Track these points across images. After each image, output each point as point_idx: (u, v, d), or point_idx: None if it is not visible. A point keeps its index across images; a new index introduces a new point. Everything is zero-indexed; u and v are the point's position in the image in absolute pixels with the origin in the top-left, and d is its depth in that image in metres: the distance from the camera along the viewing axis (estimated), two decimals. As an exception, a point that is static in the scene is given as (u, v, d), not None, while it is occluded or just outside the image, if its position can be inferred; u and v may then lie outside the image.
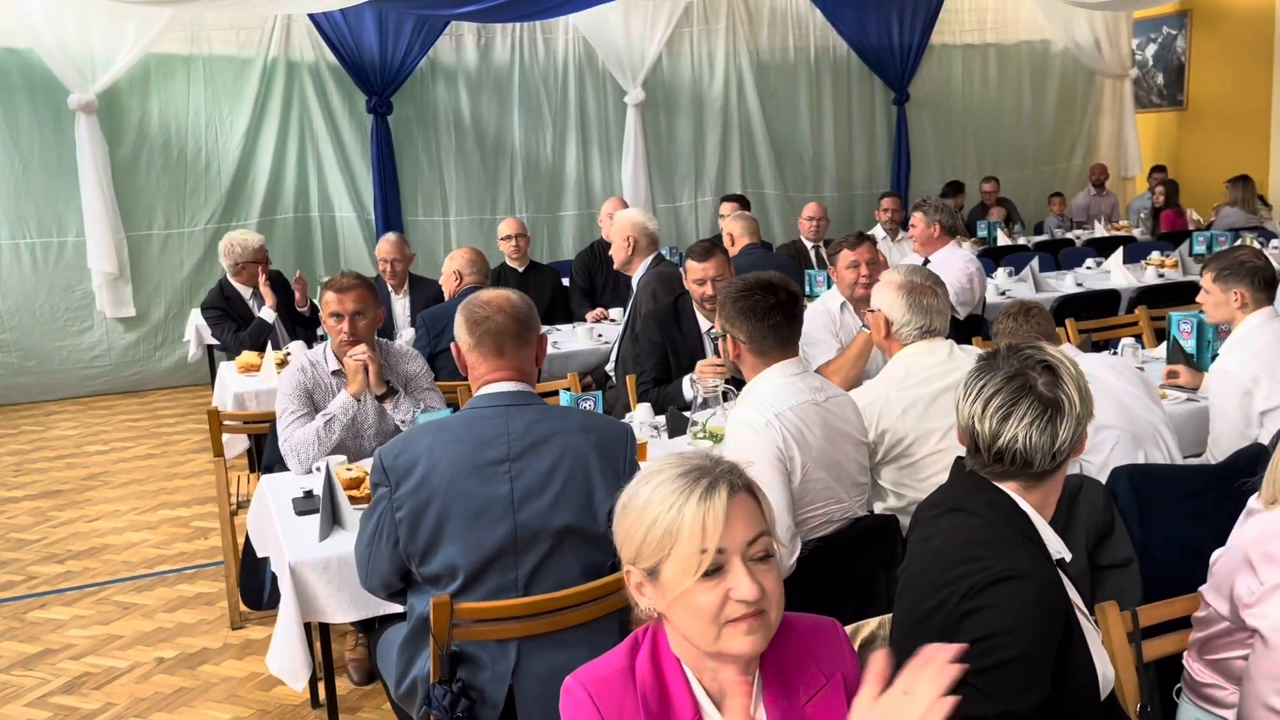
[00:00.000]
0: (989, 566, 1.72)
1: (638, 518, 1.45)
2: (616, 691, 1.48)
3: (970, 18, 11.00)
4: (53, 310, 7.75)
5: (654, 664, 1.50)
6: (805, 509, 2.60)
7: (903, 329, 3.02)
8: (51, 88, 7.45)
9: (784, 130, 10.24)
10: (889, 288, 3.08)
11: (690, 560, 1.40)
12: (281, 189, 8.39)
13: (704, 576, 1.39)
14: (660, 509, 1.42)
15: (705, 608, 1.40)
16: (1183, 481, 2.90)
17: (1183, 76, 11.71)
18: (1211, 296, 3.71)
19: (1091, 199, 10.78)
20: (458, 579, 2.34)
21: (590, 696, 1.47)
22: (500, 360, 2.44)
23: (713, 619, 1.40)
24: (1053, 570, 1.77)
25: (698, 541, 1.39)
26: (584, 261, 6.67)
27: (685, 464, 1.47)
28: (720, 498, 1.41)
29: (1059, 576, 1.78)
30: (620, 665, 1.50)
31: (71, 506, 5.60)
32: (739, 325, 2.74)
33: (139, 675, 3.76)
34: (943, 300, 3.06)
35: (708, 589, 1.40)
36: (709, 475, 1.43)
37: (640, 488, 1.47)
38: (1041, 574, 1.73)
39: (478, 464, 2.33)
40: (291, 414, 3.49)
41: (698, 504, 1.40)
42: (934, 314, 3.00)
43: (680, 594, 1.41)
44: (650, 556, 1.43)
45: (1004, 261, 7.38)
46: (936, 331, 3.02)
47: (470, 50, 8.94)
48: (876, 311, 3.10)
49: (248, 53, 8.15)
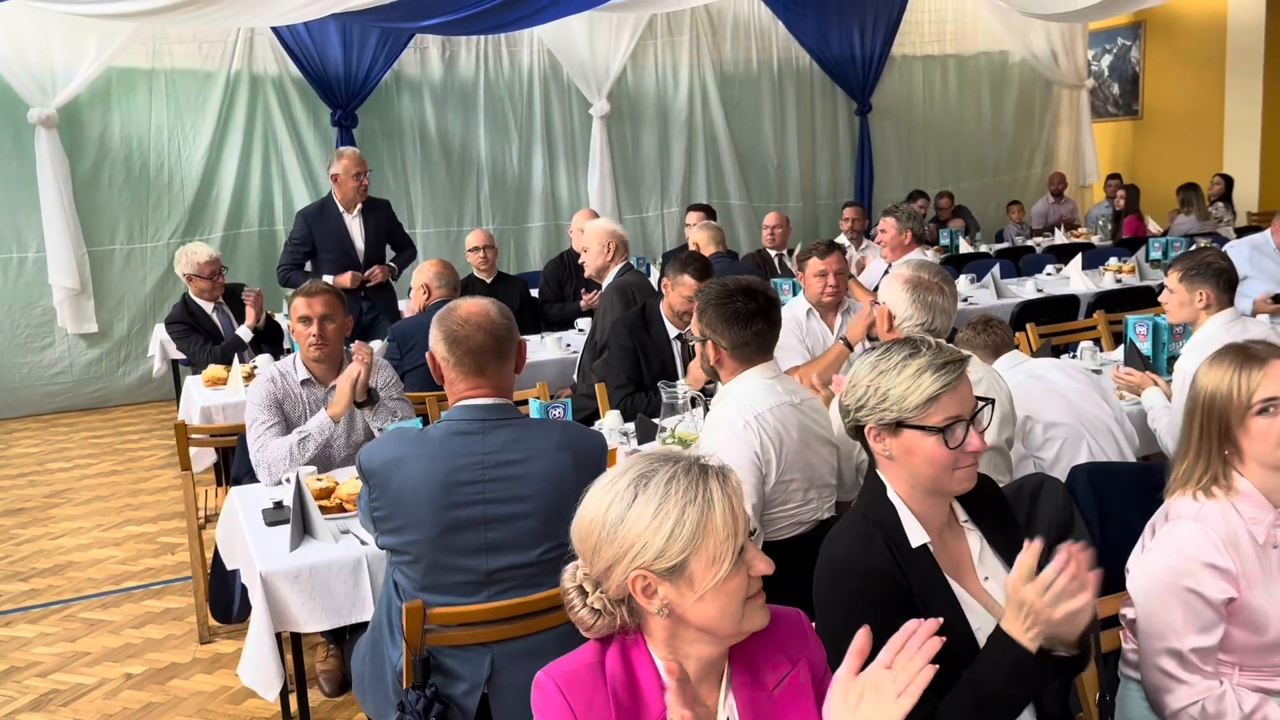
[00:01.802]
0: (824, 556, 1.89)
1: (654, 519, 1.44)
2: (587, 685, 1.50)
3: (930, 29, 11.16)
4: (13, 327, 7.65)
5: (623, 658, 1.52)
6: (777, 510, 2.64)
7: (905, 324, 3.01)
8: (10, 102, 7.37)
9: (748, 141, 10.34)
10: (896, 281, 3.08)
11: (724, 547, 1.44)
12: (246, 203, 8.34)
13: (735, 561, 1.45)
14: (683, 504, 1.43)
15: (737, 590, 1.46)
16: (1141, 479, 2.97)
17: (1137, 86, 11.95)
18: (1176, 296, 3.78)
19: (1050, 207, 10.97)
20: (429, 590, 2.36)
21: (560, 691, 1.49)
22: (480, 379, 2.44)
23: (742, 599, 1.46)
24: (889, 558, 1.82)
25: (730, 528, 1.44)
26: (554, 271, 6.70)
27: (677, 460, 1.49)
28: (734, 484, 1.48)
29: (900, 562, 1.82)
30: (590, 660, 1.53)
31: (35, 524, 5.53)
32: (721, 331, 2.74)
33: (107, 691, 3.73)
34: (949, 299, 3.05)
35: (737, 573, 1.45)
36: (707, 467, 1.48)
37: (641, 491, 1.45)
38: (867, 562, 1.81)
39: (451, 483, 2.34)
40: (263, 424, 3.48)
41: (721, 493, 1.45)
42: (937, 311, 3.00)
43: (715, 584, 1.44)
44: (678, 554, 1.43)
45: (966, 269, 7.49)
46: (937, 332, 3.00)
47: (435, 63, 8.96)
48: (882, 304, 3.10)
49: (210, 66, 8.11)
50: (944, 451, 1.83)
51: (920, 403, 1.83)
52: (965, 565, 1.93)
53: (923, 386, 1.84)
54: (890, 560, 1.82)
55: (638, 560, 1.44)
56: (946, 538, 1.93)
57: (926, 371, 1.85)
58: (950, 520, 1.96)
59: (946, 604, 1.83)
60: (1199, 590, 2.01)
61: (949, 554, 1.91)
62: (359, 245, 6.01)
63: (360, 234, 6.03)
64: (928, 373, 1.84)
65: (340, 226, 5.97)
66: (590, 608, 1.51)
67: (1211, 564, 2.01)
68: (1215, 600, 2.01)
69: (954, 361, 1.86)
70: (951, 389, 1.84)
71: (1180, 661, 2.03)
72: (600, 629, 1.52)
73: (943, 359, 1.86)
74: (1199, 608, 2.01)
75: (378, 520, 2.40)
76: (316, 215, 6.01)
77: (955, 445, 1.82)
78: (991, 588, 1.91)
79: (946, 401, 1.83)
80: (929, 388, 1.83)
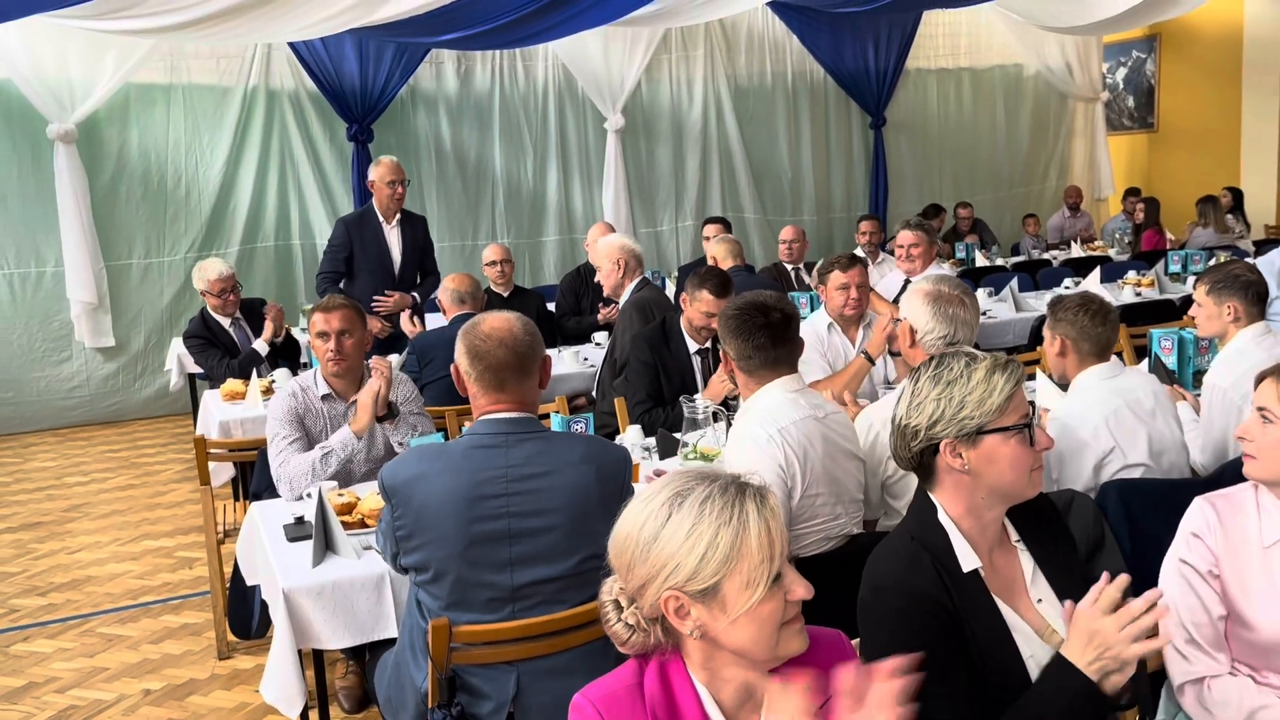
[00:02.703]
0: (869, 575, 1.84)
1: (687, 539, 1.41)
2: (625, 708, 1.47)
3: (945, 43, 11.16)
4: (31, 341, 7.68)
5: (663, 680, 1.49)
6: (804, 525, 2.61)
7: (927, 338, 2.98)
8: (30, 117, 7.42)
9: (763, 154, 10.33)
10: (916, 295, 3.06)
11: (759, 570, 1.41)
12: (262, 217, 8.37)
13: (770, 585, 1.42)
14: (717, 526, 1.41)
15: (773, 615, 1.43)
16: (1171, 495, 2.93)
17: (1153, 99, 11.92)
18: (1204, 310, 3.73)
19: (1066, 220, 10.93)
20: (452, 608, 2.34)
21: (599, 713, 1.46)
22: (501, 394, 2.42)
23: (777, 624, 1.43)
24: (936, 582, 1.76)
25: (766, 551, 1.41)
26: (570, 284, 6.70)
27: (714, 479, 1.46)
28: (773, 505, 1.44)
29: (949, 587, 1.77)
30: (628, 682, 1.50)
31: (52, 538, 5.53)
32: (730, 343, 2.78)
33: (126, 708, 3.71)
34: (971, 311, 3.02)
35: (772, 598, 1.42)
36: (745, 487, 1.45)
37: (675, 511, 1.43)
38: (913, 585, 1.76)
39: (475, 497, 2.32)
40: (284, 439, 3.47)
41: (758, 515, 1.42)
42: (959, 324, 2.97)
43: (748, 608, 1.41)
44: (710, 576, 1.41)
45: (983, 282, 7.46)
46: (960, 344, 2.98)
47: (450, 78, 8.99)
48: (903, 320, 3.08)
49: (228, 81, 8.15)
50: (1026, 451, 1.81)
51: (1001, 402, 1.81)
52: (1017, 587, 1.87)
53: (998, 387, 1.82)
54: (937, 583, 1.77)
55: (670, 581, 1.42)
56: (997, 559, 1.88)
57: (995, 373, 1.83)
58: (1002, 539, 1.91)
59: (996, 630, 1.78)
60: (1188, 560, 2.10)
61: (1000, 576, 1.87)
62: (395, 256, 5.99)
63: (398, 246, 6.00)
64: (997, 373, 1.83)
65: (379, 236, 5.95)
66: (625, 623, 1.49)
67: (1194, 533, 2.10)
68: (1201, 570, 2.08)
69: (1011, 361, 1.86)
70: (1021, 387, 1.83)
71: (1186, 637, 2.08)
72: (635, 645, 1.50)
73: (1000, 359, 1.85)
74: (1191, 578, 2.08)
75: (401, 539, 2.38)
76: (356, 222, 5.99)
77: (1024, 446, 1.81)
78: (1045, 610, 1.85)
79: (1019, 400, 1.83)
80: (1005, 386, 1.82)
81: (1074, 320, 3.13)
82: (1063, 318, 3.16)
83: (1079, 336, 3.12)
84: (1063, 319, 3.16)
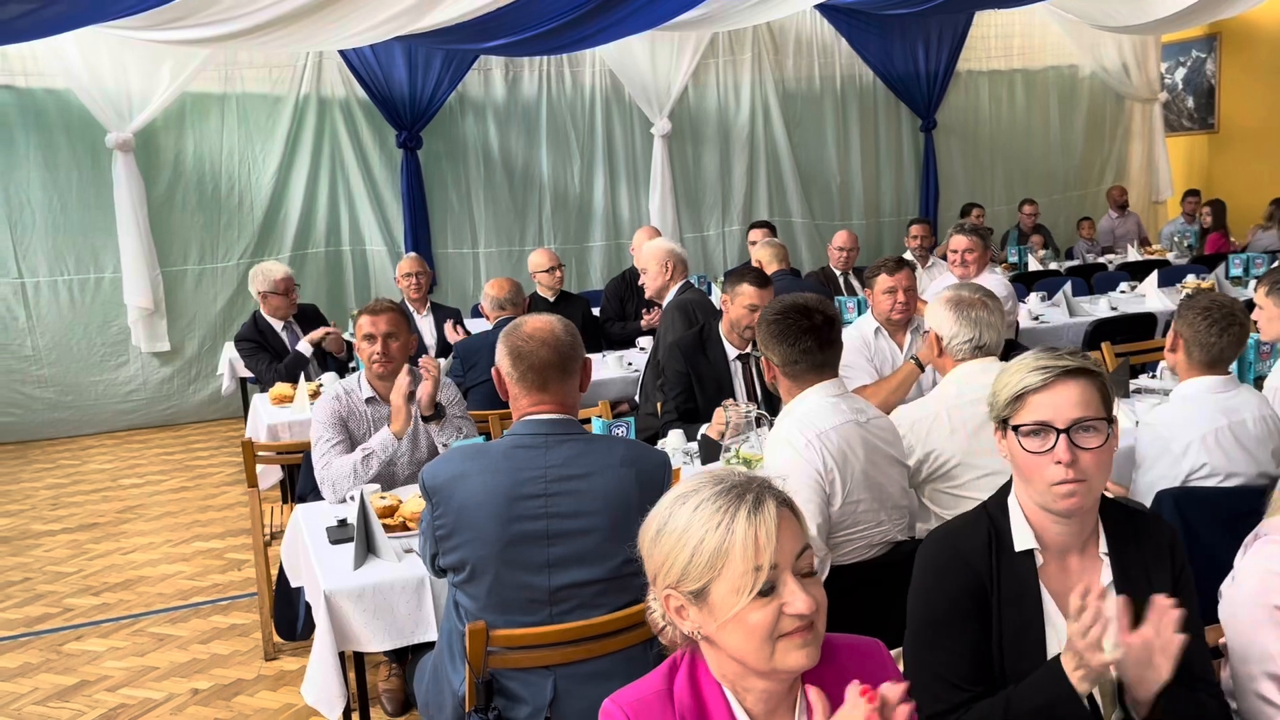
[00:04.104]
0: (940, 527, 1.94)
1: (679, 539, 1.41)
2: (655, 713, 1.46)
3: (997, 44, 11.00)
4: (89, 345, 7.85)
5: (692, 686, 1.48)
6: (846, 531, 2.57)
7: (953, 343, 3.00)
8: (89, 127, 7.59)
9: (811, 158, 10.26)
10: (937, 304, 3.08)
11: (744, 578, 1.37)
12: (313, 223, 8.49)
13: (758, 595, 1.37)
14: (707, 528, 1.38)
15: (759, 625, 1.38)
16: (1228, 503, 2.84)
17: (1213, 99, 11.63)
18: (1266, 312, 3.64)
19: (1114, 222, 10.70)
20: (489, 610, 2.33)
21: (629, 719, 1.45)
22: (543, 394, 2.42)
23: (767, 636, 1.38)
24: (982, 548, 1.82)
25: (751, 559, 1.37)
26: (616, 289, 6.69)
27: (722, 481, 1.44)
28: (770, 512, 1.39)
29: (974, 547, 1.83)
30: (658, 688, 1.48)
31: (108, 539, 5.63)
32: (773, 348, 2.74)
33: (174, 707, 3.76)
34: (995, 313, 3.02)
35: (761, 606, 1.37)
36: (752, 490, 1.41)
37: (677, 509, 1.43)
38: (952, 540, 1.84)
39: (514, 497, 2.32)
40: (327, 442, 3.50)
41: (747, 520, 1.37)
42: (984, 326, 2.97)
43: (734, 614, 1.38)
44: (698, 578, 1.39)
45: (1036, 286, 7.33)
46: (988, 348, 2.98)
47: (498, 84, 9.04)
48: (929, 331, 3.09)
49: (280, 90, 8.28)
50: (1024, 454, 1.78)
51: (1008, 398, 1.81)
52: None
53: (1012, 382, 1.80)
54: (981, 553, 1.80)
55: (668, 579, 1.43)
56: (1073, 563, 1.85)
57: (1025, 370, 1.81)
58: (1088, 545, 1.86)
59: (1029, 616, 1.79)
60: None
61: (1069, 576, 1.83)
62: None
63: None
64: (1024, 370, 1.80)
65: None
66: (659, 612, 1.50)
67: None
68: None
69: (1056, 366, 1.78)
70: (1041, 390, 1.77)
71: (1278, 685, 1.91)
72: (668, 637, 1.50)
73: (1045, 360, 1.80)
74: None
75: (440, 539, 2.38)
76: None
77: (1035, 450, 1.75)
78: None
79: (1035, 402, 1.77)
80: (1017, 384, 1.79)
81: (1192, 323, 3.00)
82: (1185, 316, 3.04)
83: (1192, 340, 3.01)
84: (1184, 317, 3.04)
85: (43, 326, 7.69)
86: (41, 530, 5.82)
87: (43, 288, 7.67)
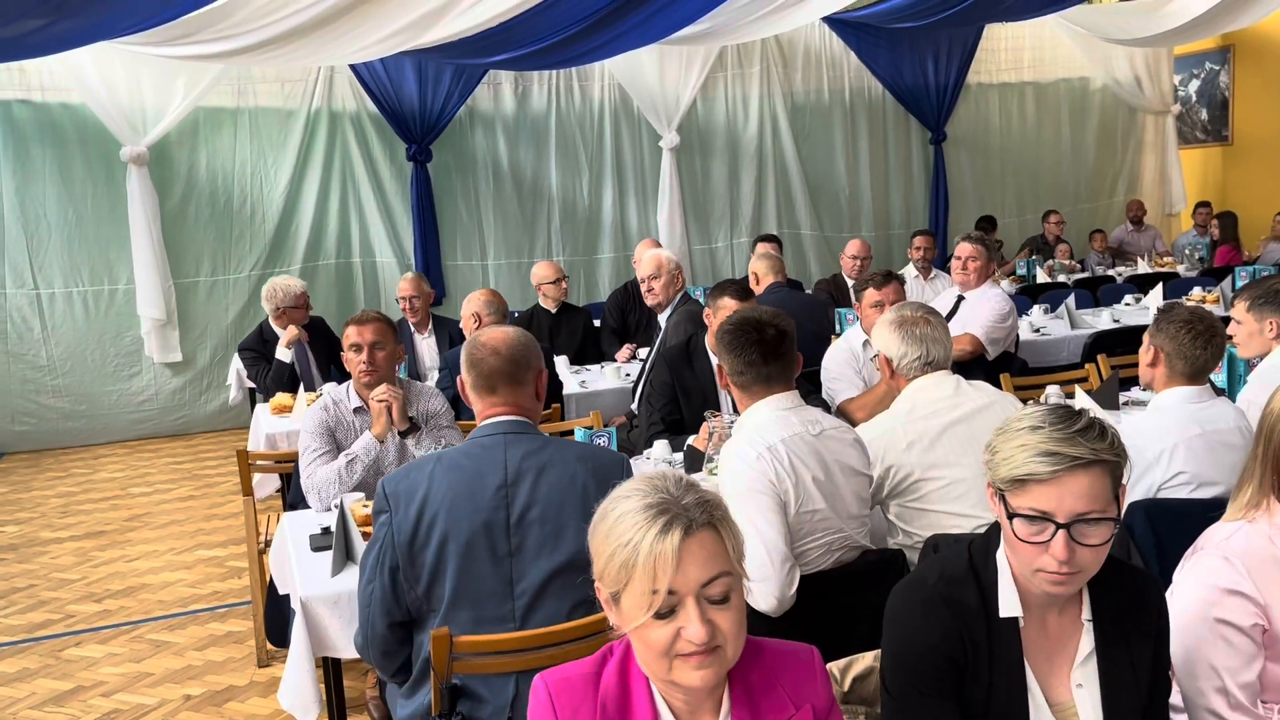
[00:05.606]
0: (888, 610, 1.77)
1: (605, 538, 1.44)
2: (576, 694, 1.50)
3: (1007, 57, 10.99)
4: (103, 356, 7.97)
5: (621, 675, 1.51)
6: (805, 539, 2.59)
7: (903, 363, 3.00)
8: (104, 141, 7.72)
9: (819, 171, 10.28)
10: (881, 327, 3.08)
11: (643, 598, 1.39)
12: (324, 235, 8.59)
13: (656, 616, 1.39)
14: (619, 542, 1.41)
15: (656, 642, 1.40)
16: (1200, 515, 2.83)
17: (1227, 111, 11.57)
18: (1244, 327, 3.57)
19: (1129, 235, 10.65)
20: (456, 606, 2.37)
21: (550, 695, 1.50)
22: (494, 398, 2.51)
23: (663, 653, 1.41)
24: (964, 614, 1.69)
25: (649, 582, 1.38)
26: (617, 301, 6.72)
27: (652, 493, 1.44)
28: (672, 540, 1.38)
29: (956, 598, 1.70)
30: (586, 670, 1.53)
31: (113, 547, 5.72)
32: (724, 358, 2.80)
33: (166, 712, 3.82)
34: (939, 329, 3.02)
35: (660, 626, 1.40)
36: (668, 513, 1.40)
37: (614, 505, 1.46)
38: (924, 639, 1.68)
39: (477, 489, 2.38)
40: (314, 451, 3.55)
41: (650, 544, 1.38)
42: (930, 342, 2.97)
43: (635, 627, 1.42)
44: (613, 583, 1.43)
45: (1040, 299, 7.32)
46: (937, 362, 2.99)
47: (508, 98, 9.13)
48: (879, 354, 3.10)
49: (292, 104, 8.40)
50: (1014, 537, 1.63)
51: (1009, 478, 1.63)
52: (1062, 663, 1.74)
53: (1014, 463, 1.62)
54: (952, 634, 1.69)
55: (596, 570, 1.47)
56: (1052, 624, 1.74)
57: (1031, 450, 1.61)
58: (1067, 609, 1.74)
59: (1010, 688, 1.69)
60: (1229, 619, 1.92)
61: (1049, 643, 1.74)
62: None
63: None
64: (1031, 451, 1.61)
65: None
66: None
67: (1234, 589, 1.92)
68: (1246, 627, 1.92)
69: (1067, 456, 1.58)
70: (1046, 482, 1.59)
71: (1227, 700, 1.93)
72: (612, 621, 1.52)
73: (1057, 446, 1.59)
74: (1234, 638, 1.92)
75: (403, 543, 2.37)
76: None
77: (1028, 538, 1.61)
78: (1079, 696, 1.73)
79: (1038, 492, 1.60)
80: (1021, 468, 1.61)
81: (1174, 336, 2.98)
82: (1164, 329, 3.01)
83: (1174, 353, 2.99)
84: (1163, 330, 3.01)
85: (57, 337, 7.82)
86: (49, 538, 5.91)
87: (58, 299, 7.80)
